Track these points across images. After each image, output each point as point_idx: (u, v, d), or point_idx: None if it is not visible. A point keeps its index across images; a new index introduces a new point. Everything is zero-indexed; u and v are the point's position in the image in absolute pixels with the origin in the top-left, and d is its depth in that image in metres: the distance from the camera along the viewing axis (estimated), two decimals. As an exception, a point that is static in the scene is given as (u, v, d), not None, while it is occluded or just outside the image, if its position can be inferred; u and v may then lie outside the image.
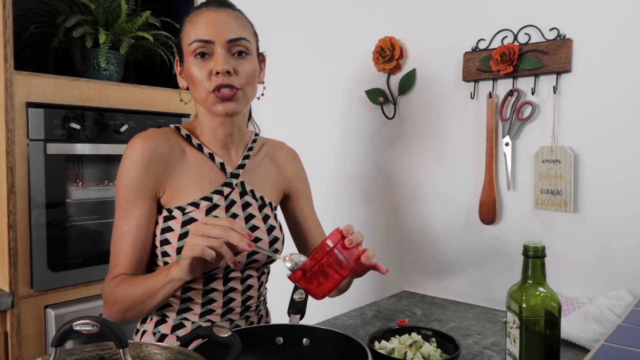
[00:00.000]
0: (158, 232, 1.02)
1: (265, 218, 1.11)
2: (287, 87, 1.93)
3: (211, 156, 1.08)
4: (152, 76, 2.03)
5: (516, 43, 1.40)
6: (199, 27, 1.00)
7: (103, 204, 1.70)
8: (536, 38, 1.37)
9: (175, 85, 1.95)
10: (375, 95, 1.66)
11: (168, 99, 1.86)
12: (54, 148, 1.55)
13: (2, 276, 1.50)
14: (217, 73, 0.99)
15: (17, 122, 1.48)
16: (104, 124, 1.67)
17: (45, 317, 1.54)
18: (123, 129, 1.69)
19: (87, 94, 1.64)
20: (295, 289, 1.05)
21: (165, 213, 1.03)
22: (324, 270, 0.88)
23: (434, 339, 1.02)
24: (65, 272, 1.59)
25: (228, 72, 0.99)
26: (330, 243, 0.89)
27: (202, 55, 1.00)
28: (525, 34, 1.39)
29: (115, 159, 1.74)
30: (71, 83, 1.60)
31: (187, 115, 1.89)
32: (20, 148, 1.49)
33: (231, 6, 1.06)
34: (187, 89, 1.07)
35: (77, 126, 1.59)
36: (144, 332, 1.07)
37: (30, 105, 1.50)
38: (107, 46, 1.70)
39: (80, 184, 1.66)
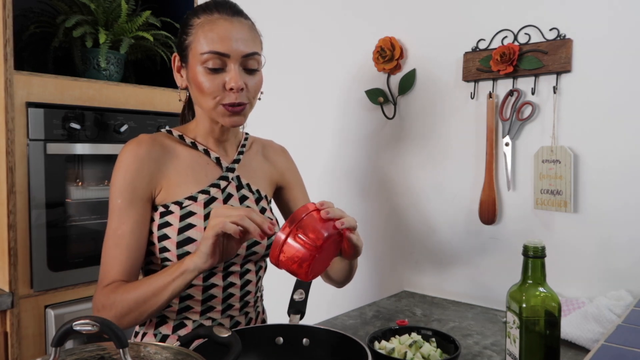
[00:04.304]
0: (155, 229, 1.02)
1: (262, 211, 1.12)
2: (287, 87, 1.93)
3: (206, 152, 1.09)
4: (152, 76, 2.03)
5: (516, 43, 1.40)
6: (213, 37, 0.98)
7: (103, 204, 1.70)
8: (536, 38, 1.37)
9: (175, 85, 1.96)
10: (375, 95, 1.66)
11: (168, 98, 1.86)
12: (54, 148, 1.55)
13: (2, 276, 1.50)
14: (231, 89, 0.99)
15: (17, 122, 1.48)
16: (104, 123, 1.67)
17: (45, 317, 1.54)
18: (123, 128, 1.69)
19: (87, 93, 1.64)
20: (295, 289, 1.05)
21: (161, 209, 1.02)
22: (296, 240, 0.82)
23: (433, 339, 1.02)
24: (65, 272, 1.59)
25: (242, 89, 1.00)
26: (301, 211, 0.84)
27: (215, 68, 0.99)
28: (525, 34, 1.39)
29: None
30: (71, 83, 1.60)
31: (187, 115, 1.89)
32: (20, 148, 1.48)
33: (243, 14, 1.05)
34: (185, 88, 1.08)
35: (77, 126, 1.59)
36: (144, 334, 1.06)
37: (30, 105, 1.50)
38: (107, 46, 1.70)
39: (80, 183, 1.66)
